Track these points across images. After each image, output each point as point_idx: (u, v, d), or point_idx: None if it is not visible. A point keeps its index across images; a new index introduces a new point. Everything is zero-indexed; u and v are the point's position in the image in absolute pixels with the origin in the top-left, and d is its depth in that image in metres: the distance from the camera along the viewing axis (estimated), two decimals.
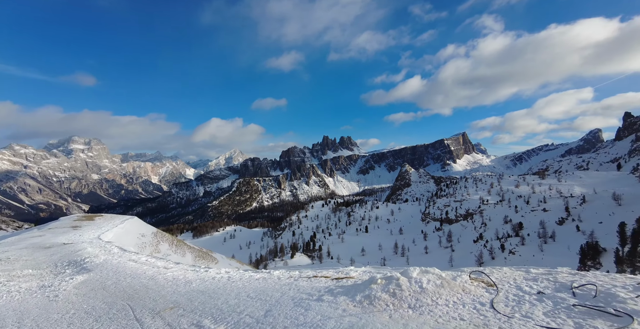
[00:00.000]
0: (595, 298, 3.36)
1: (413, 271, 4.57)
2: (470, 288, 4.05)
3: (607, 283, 3.87)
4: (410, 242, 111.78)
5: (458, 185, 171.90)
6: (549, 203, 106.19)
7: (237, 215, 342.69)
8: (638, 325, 2.70)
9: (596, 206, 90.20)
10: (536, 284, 4.11)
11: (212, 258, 44.74)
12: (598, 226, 74.51)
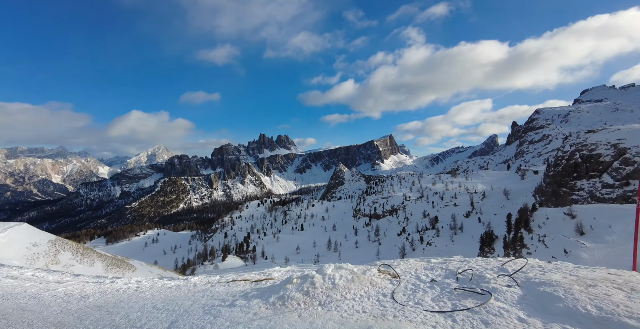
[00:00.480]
0: (471, 281, 3.92)
1: (328, 268, 4.73)
2: (377, 280, 4.34)
3: (482, 267, 4.56)
4: (343, 238, 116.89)
5: (385, 183, 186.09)
6: (459, 199, 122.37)
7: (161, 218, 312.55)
8: (494, 300, 3.21)
9: (492, 200, 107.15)
10: (432, 273, 4.60)
11: (129, 266, 39.90)
12: (493, 217, 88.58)
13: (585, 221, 47.77)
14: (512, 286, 3.62)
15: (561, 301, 2.96)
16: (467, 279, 4.06)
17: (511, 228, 61.65)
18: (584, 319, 2.65)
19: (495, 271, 4.29)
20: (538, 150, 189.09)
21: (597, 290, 3.08)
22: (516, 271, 4.13)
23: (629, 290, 3.04)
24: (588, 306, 2.78)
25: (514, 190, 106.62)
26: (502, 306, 3.11)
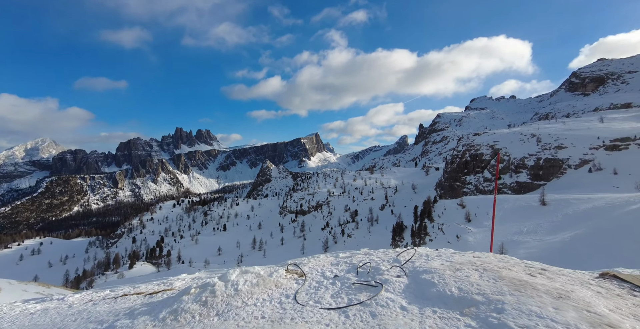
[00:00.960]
0: (369, 274, 4.18)
1: (232, 273, 4.48)
2: (283, 282, 4.29)
3: (381, 259, 4.95)
4: (269, 236, 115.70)
5: (311, 179, 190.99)
6: (375, 193, 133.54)
7: (46, 224, 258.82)
8: (384, 291, 3.47)
9: (403, 194, 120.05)
10: (337, 268, 4.76)
11: None
12: (403, 209, 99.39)
13: (471, 210, 57.38)
14: (401, 276, 3.99)
15: (435, 287, 3.36)
16: (365, 272, 4.33)
17: (417, 219, 70.25)
18: (449, 300, 3.05)
19: (390, 263, 4.68)
20: (439, 149, 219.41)
21: (461, 273, 3.61)
22: (406, 261, 4.59)
23: (482, 270, 3.66)
24: (453, 288, 3.22)
25: (420, 185, 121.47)
26: (389, 296, 3.37)
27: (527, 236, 42.18)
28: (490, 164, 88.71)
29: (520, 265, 4.08)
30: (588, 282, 3.45)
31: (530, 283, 3.15)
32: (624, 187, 50.57)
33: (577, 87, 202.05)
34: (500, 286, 3.13)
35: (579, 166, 67.82)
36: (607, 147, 66.40)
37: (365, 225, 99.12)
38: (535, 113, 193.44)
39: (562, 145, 74.56)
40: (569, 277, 3.60)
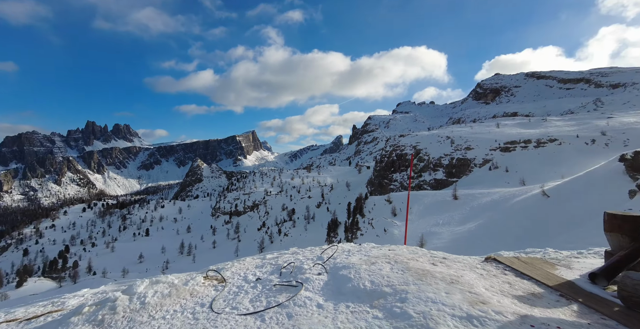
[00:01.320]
0: (292, 274, 4.17)
1: (140, 284, 4.01)
2: (199, 289, 4.00)
3: (306, 258, 5.00)
4: (199, 239, 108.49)
5: (247, 179, 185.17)
6: (312, 191, 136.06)
7: None
8: (304, 291, 3.49)
9: (338, 191, 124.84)
10: (261, 270, 4.64)
11: None
12: (338, 206, 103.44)
13: (397, 205, 62.56)
14: (322, 273, 4.08)
15: (351, 282, 3.51)
16: (289, 272, 4.31)
17: (350, 215, 73.85)
18: (362, 294, 3.21)
19: (314, 261, 4.76)
20: (370, 149, 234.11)
21: (375, 267, 3.87)
22: (328, 258, 4.72)
23: (394, 263, 3.98)
24: (366, 282, 3.41)
25: (353, 183, 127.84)
26: (308, 295, 3.41)
27: (442, 228, 47.81)
28: (413, 163, 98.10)
29: (427, 256, 4.54)
30: (475, 266, 4.02)
31: (431, 272, 3.51)
32: (513, 182, 61.05)
33: (481, 96, 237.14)
34: (407, 277, 3.42)
35: (482, 165, 79.52)
36: (501, 148, 79.30)
37: (302, 223, 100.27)
38: (450, 117, 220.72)
39: (470, 146, 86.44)
40: (463, 263, 4.14)
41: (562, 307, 2.84)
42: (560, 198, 35.87)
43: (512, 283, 3.46)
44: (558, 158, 65.52)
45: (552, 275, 3.62)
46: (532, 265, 3.97)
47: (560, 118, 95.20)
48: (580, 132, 72.78)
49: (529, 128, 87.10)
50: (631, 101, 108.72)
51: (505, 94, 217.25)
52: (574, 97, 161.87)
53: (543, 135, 76.97)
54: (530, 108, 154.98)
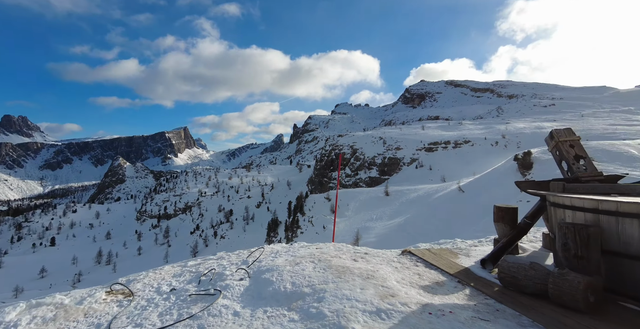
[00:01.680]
0: (211, 281, 3.90)
1: (11, 311, 3.29)
2: (98, 308, 3.47)
3: (231, 262, 4.76)
4: (121, 246, 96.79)
5: (179, 179, 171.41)
6: (252, 191, 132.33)
7: None
8: (222, 299, 3.29)
9: (279, 190, 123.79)
10: (178, 280, 4.25)
11: None
12: (279, 205, 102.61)
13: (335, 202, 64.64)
14: (244, 278, 3.91)
15: (272, 285, 3.42)
16: (208, 280, 4.03)
17: (291, 213, 73.89)
18: (282, 297, 3.15)
19: (239, 265, 4.55)
20: (311, 148, 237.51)
21: (299, 267, 3.85)
22: (253, 261, 4.56)
23: (317, 261, 4.03)
24: (287, 284, 3.36)
25: (294, 181, 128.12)
26: (225, 303, 3.22)
27: (376, 222, 50.98)
28: (350, 162, 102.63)
29: (350, 252, 4.71)
30: (392, 260, 4.30)
31: (350, 269, 3.63)
32: (435, 179, 68.24)
33: (409, 100, 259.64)
34: (327, 275, 3.47)
35: (410, 163, 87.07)
36: (426, 149, 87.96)
37: (241, 224, 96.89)
38: (383, 119, 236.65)
39: (400, 146, 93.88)
40: (381, 257, 4.40)
41: (457, 292, 3.20)
42: (472, 193, 41.28)
43: (422, 273, 3.78)
44: (471, 157, 75.33)
45: (454, 264, 4.06)
46: (440, 256, 4.41)
47: (472, 123, 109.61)
48: (487, 134, 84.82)
49: (448, 130, 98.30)
50: (521, 110, 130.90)
51: (429, 99, 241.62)
52: (483, 104, 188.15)
53: (459, 137, 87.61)
54: (450, 113, 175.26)
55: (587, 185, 3.46)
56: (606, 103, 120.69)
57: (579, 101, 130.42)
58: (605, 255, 2.86)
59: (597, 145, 32.88)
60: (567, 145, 3.87)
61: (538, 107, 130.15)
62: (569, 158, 3.77)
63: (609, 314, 2.60)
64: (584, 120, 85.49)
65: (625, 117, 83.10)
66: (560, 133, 3.94)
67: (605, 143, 33.73)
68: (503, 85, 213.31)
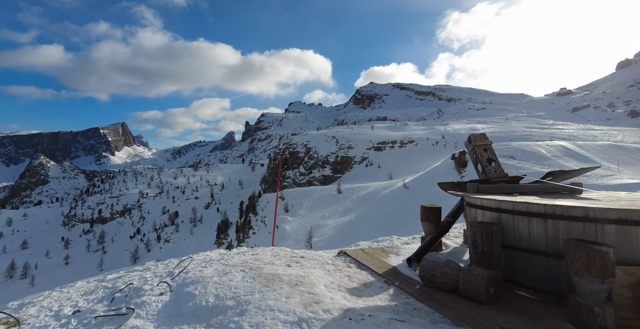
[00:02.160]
0: (127, 298, 3.50)
1: None
2: None
3: (154, 275, 4.33)
4: (42, 256, 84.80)
5: (116, 179, 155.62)
6: (200, 192, 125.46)
7: None
8: (135, 318, 2.95)
9: (230, 190, 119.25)
10: (87, 298, 3.74)
11: None
12: (230, 206, 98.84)
13: (289, 201, 64.20)
14: (165, 293, 3.57)
15: (193, 299, 3.17)
16: (123, 297, 3.60)
17: (242, 214, 71.66)
18: (202, 312, 2.92)
19: (163, 277, 4.17)
20: (264, 146, 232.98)
21: (227, 277, 3.64)
22: (179, 273, 4.21)
23: (248, 270, 3.85)
24: (211, 297, 3.13)
25: (247, 181, 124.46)
26: (137, 324, 2.89)
27: (329, 220, 51.87)
28: (304, 161, 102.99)
29: (287, 256, 4.61)
30: (327, 262, 4.31)
31: (280, 276, 3.52)
32: (383, 177, 71.71)
33: (359, 101, 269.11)
34: (255, 285, 3.32)
35: (361, 162, 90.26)
36: (375, 148, 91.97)
37: (188, 226, 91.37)
38: (335, 119, 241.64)
39: (351, 145, 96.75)
40: (317, 260, 4.38)
41: (382, 293, 3.29)
42: (415, 189, 44.18)
43: (352, 275, 3.83)
44: (415, 156, 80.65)
45: (384, 263, 4.20)
46: (372, 256, 4.54)
47: (416, 124, 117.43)
48: (429, 135, 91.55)
49: (395, 131, 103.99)
50: (458, 113, 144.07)
51: (378, 101, 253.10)
52: (425, 106, 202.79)
53: (405, 137, 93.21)
54: (396, 114, 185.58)
55: (496, 186, 3.81)
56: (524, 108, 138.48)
57: (504, 106, 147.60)
58: (505, 249, 3.17)
59: (517, 145, 37.48)
60: (482, 148, 4.21)
61: (472, 110, 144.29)
62: (482, 160, 4.11)
63: (505, 303, 2.88)
64: (508, 122, 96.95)
65: (538, 121, 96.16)
66: (477, 138, 4.28)
67: (523, 143, 38.58)
68: (443, 89, 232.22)
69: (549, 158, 32.83)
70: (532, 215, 2.91)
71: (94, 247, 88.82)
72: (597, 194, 3.48)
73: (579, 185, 3.60)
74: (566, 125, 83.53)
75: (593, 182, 23.65)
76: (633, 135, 55.79)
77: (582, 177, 26.52)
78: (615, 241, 2.46)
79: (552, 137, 59.57)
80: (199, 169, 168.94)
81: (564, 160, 32.39)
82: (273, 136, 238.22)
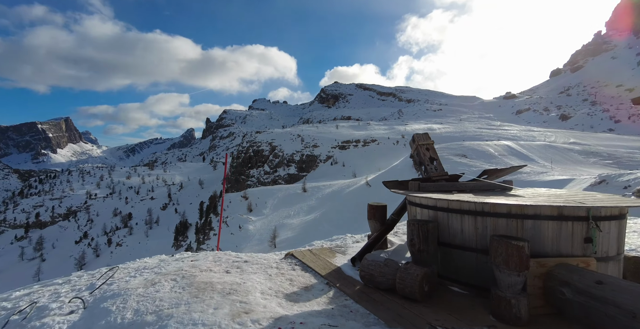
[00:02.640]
0: (26, 319, 3.00)
1: None
2: None
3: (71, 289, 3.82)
4: None
5: (58, 179, 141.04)
6: (156, 192, 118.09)
7: None
8: None
9: (189, 190, 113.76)
10: None
11: None
12: (189, 206, 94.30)
13: (253, 200, 62.78)
14: (76, 310, 3.12)
15: (108, 316, 2.79)
16: (21, 319, 3.09)
17: (203, 215, 68.66)
18: None
19: (81, 291, 3.68)
20: (226, 144, 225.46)
21: (153, 288, 3.29)
22: (101, 284, 3.75)
23: (180, 279, 3.53)
24: (129, 313, 2.78)
25: (207, 180, 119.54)
26: None
27: (293, 219, 51.55)
28: (269, 159, 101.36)
29: (229, 261, 4.33)
30: (271, 266, 4.11)
31: (213, 284, 3.26)
32: (347, 175, 72.98)
33: (324, 100, 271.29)
34: (183, 296, 3.02)
35: (326, 160, 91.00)
36: (339, 146, 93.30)
37: (143, 228, 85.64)
38: (301, 117, 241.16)
39: (317, 144, 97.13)
40: (260, 264, 4.16)
41: (322, 296, 3.17)
42: (377, 187, 45.46)
43: (294, 279, 3.67)
44: (377, 155, 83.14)
45: (329, 264, 4.10)
46: (318, 256, 4.42)
47: (378, 123, 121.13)
48: (390, 134, 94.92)
49: (359, 130, 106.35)
50: (417, 113, 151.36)
51: (342, 100, 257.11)
52: (387, 106, 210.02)
53: (368, 137, 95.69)
54: (360, 114, 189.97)
55: (437, 184, 3.88)
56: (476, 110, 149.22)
57: (458, 107, 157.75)
58: (441, 246, 3.21)
59: (469, 145, 40.14)
60: (424, 148, 4.28)
61: (430, 111, 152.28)
62: (424, 159, 4.18)
63: (438, 300, 2.91)
64: (461, 123, 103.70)
65: (487, 122, 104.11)
66: (420, 138, 4.34)
67: (474, 143, 41.42)
68: (403, 91, 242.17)
69: (496, 156, 35.61)
70: (465, 212, 2.97)
71: (29, 255, 79.70)
72: (523, 191, 3.67)
73: (510, 182, 3.78)
74: (511, 126, 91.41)
75: (532, 179, 26.07)
76: (563, 136, 62.58)
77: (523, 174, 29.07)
78: (531, 235, 2.60)
79: (499, 137, 64.82)
80: (155, 168, 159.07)
81: (509, 158, 35.35)
82: (236, 133, 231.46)
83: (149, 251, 68.98)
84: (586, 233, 2.56)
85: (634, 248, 4.52)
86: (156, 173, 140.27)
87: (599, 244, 2.60)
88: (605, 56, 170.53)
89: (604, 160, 36.03)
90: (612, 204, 2.60)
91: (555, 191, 3.65)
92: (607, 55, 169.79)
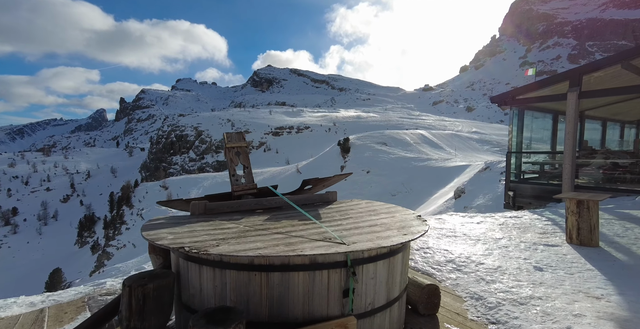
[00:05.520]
0: None
1: None
2: None
3: None
4: None
5: None
6: (54, 182, 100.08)
7: None
8: None
9: (98, 179, 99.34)
10: None
11: None
12: (98, 198, 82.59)
13: (174, 191, 57.86)
14: None
15: None
16: None
17: (114, 207, 60.80)
18: None
19: None
20: (145, 128, 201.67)
21: None
22: None
23: None
24: None
25: (122, 168, 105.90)
26: None
27: None
28: (195, 145, 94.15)
29: None
30: None
31: None
32: (281, 162, 72.53)
33: (258, 84, 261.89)
34: None
35: (259, 147, 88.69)
36: (273, 133, 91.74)
37: (35, 225, 72.44)
38: (232, 101, 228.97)
39: (249, 130, 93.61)
40: None
41: None
42: (307, 174, 46.20)
43: None
44: (310, 142, 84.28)
45: None
46: None
47: (311, 110, 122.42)
48: (323, 122, 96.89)
49: (293, 116, 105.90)
50: (348, 102, 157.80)
51: (276, 85, 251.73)
52: (321, 94, 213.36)
53: (301, 123, 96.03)
54: (294, 100, 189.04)
55: (238, 202, 2.78)
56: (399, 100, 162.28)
57: (384, 97, 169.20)
58: (185, 312, 1.85)
59: (390, 133, 43.38)
60: (234, 152, 3.11)
61: (359, 100, 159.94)
62: (231, 167, 3.10)
63: None
64: (386, 112, 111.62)
65: (408, 112, 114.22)
66: (230, 138, 3.13)
67: (394, 132, 44.95)
68: (335, 79, 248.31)
69: (412, 144, 39.32)
70: (202, 262, 1.69)
71: None
72: (337, 206, 2.95)
73: (334, 193, 3.18)
74: (428, 116, 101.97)
75: (439, 165, 29.53)
76: (467, 126, 72.44)
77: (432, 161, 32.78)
78: (278, 293, 1.65)
79: (417, 126, 71.69)
80: (52, 154, 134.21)
81: (422, 146, 39.39)
82: (157, 116, 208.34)
83: (43, 251, 58.76)
84: (345, 283, 1.80)
85: (453, 257, 3.48)
86: (54, 160, 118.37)
87: (361, 294, 1.86)
88: (499, 57, 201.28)
89: (494, 148, 42.89)
90: (370, 246, 1.70)
91: (366, 206, 2.84)
92: (500, 57, 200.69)
